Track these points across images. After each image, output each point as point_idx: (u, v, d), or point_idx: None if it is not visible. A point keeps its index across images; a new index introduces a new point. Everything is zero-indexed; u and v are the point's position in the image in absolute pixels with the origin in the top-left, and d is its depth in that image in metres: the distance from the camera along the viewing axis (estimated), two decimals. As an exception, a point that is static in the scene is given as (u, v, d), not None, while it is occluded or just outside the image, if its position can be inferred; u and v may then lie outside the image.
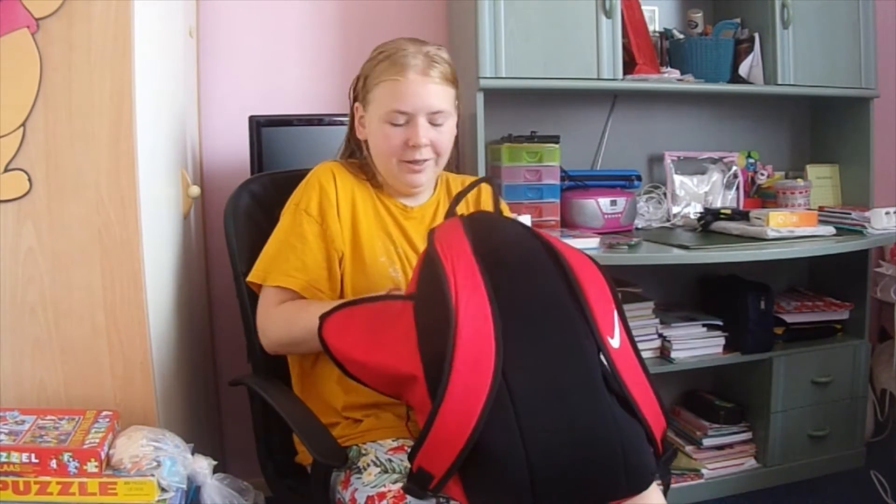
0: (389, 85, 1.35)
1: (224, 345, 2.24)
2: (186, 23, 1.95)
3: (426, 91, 1.35)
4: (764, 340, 2.25)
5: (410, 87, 1.34)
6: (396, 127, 1.36)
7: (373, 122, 1.39)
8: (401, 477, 1.21)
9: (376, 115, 1.38)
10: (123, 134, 1.34)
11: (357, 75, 1.45)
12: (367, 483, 1.23)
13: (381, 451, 1.29)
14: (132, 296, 1.37)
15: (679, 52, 2.33)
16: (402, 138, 1.36)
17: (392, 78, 1.35)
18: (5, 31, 1.29)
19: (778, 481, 2.31)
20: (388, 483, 1.21)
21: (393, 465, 1.25)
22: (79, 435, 1.25)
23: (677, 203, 2.41)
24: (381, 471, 1.24)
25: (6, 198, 1.32)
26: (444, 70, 1.37)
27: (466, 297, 1.02)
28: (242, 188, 1.57)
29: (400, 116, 1.35)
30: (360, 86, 1.43)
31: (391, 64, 1.35)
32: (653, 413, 1.08)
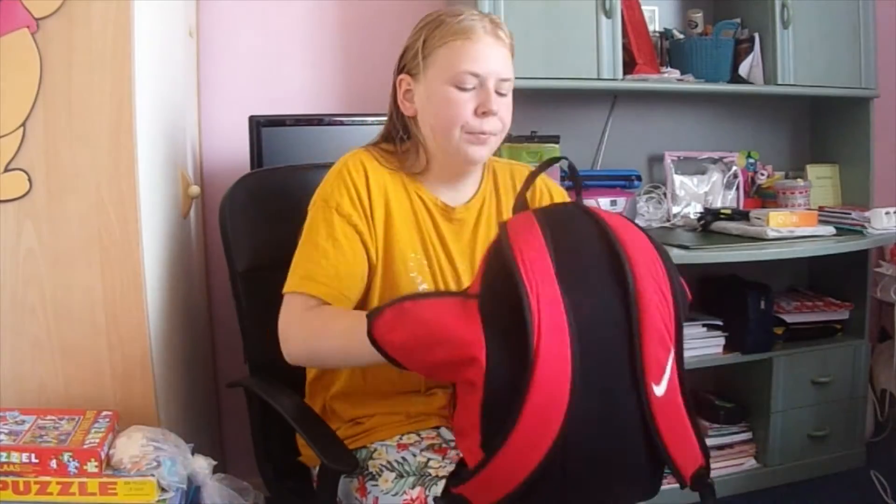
0: (458, 45, 1.21)
1: (224, 345, 2.24)
2: (186, 23, 1.95)
3: (497, 54, 1.23)
4: (764, 340, 2.25)
5: (482, 47, 1.21)
6: (464, 92, 1.21)
7: (432, 89, 1.23)
8: (417, 479, 1.18)
9: (439, 80, 1.22)
10: (123, 134, 1.34)
11: (405, 46, 1.29)
12: (385, 490, 1.20)
13: (391, 451, 1.26)
14: (132, 296, 1.37)
15: (679, 52, 2.33)
16: (471, 104, 1.22)
17: (461, 38, 1.21)
18: (5, 31, 1.29)
19: (778, 481, 2.31)
20: (406, 489, 1.18)
21: (405, 466, 1.22)
22: (79, 435, 1.25)
23: (677, 203, 2.41)
24: (397, 476, 1.21)
25: (6, 198, 1.32)
26: (509, 35, 1.26)
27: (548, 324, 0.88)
28: (238, 185, 1.51)
29: (471, 79, 1.21)
30: (409, 55, 1.27)
31: (457, 24, 1.21)
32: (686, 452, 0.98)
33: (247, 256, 1.46)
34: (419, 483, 1.18)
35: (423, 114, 1.27)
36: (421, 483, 1.18)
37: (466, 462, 0.96)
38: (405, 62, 1.28)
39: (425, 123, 1.27)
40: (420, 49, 1.24)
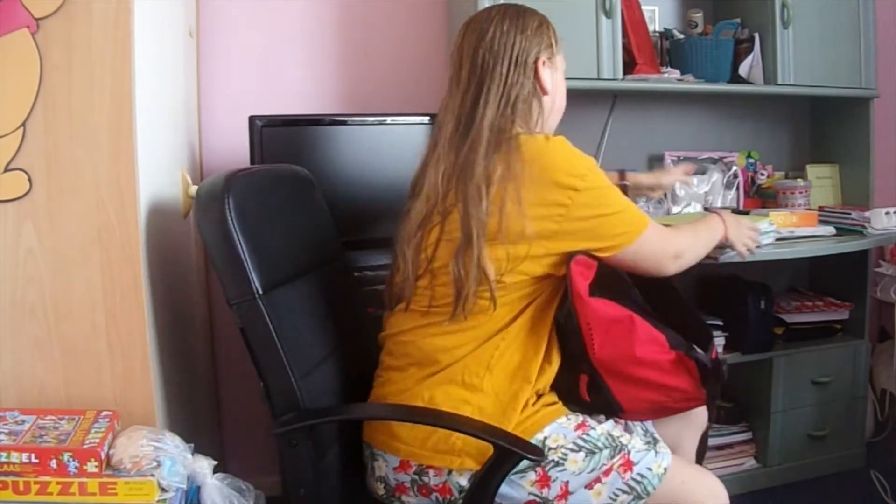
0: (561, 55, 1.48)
1: (224, 345, 2.24)
2: (186, 23, 1.95)
3: None
4: (764, 340, 2.25)
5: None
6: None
7: (559, 78, 1.45)
8: (612, 451, 1.30)
9: (562, 72, 1.47)
10: (123, 134, 1.34)
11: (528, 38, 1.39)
12: (580, 470, 1.28)
13: (568, 433, 1.31)
14: (132, 296, 1.37)
15: (679, 52, 2.33)
16: None
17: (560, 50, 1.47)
18: (5, 31, 1.29)
19: (778, 481, 2.31)
20: (606, 461, 1.28)
21: (593, 442, 1.30)
22: (79, 435, 1.25)
23: (677, 203, 2.41)
24: (587, 452, 1.29)
25: (6, 198, 1.32)
26: None
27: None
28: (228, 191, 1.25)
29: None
30: (543, 44, 1.42)
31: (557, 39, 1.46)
32: None
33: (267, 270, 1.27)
34: (617, 452, 1.30)
35: (555, 94, 1.44)
36: (619, 451, 1.30)
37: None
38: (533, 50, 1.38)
39: (551, 102, 1.44)
40: (555, 44, 1.43)
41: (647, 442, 1.35)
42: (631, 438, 1.34)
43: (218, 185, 1.27)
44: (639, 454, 1.31)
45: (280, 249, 1.36)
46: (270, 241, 1.32)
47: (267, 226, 1.33)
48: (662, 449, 1.35)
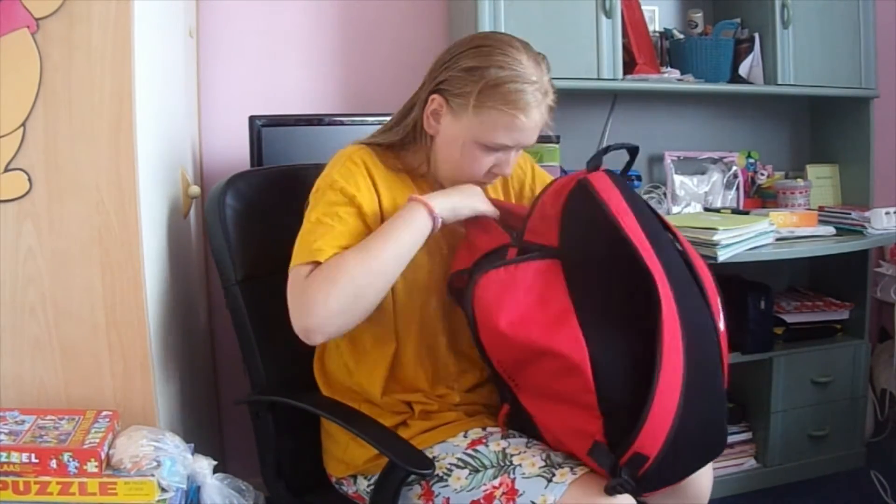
0: (505, 118, 1.21)
1: (224, 345, 2.24)
2: (186, 23, 1.95)
3: (534, 132, 1.26)
4: (764, 340, 2.25)
5: (524, 128, 1.23)
6: (489, 153, 1.26)
7: (462, 137, 1.25)
8: (497, 470, 1.16)
9: (472, 134, 1.24)
10: (123, 134, 1.34)
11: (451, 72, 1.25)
12: (461, 488, 1.17)
13: (457, 450, 1.22)
14: (132, 296, 1.37)
15: (679, 52, 2.33)
16: (489, 164, 1.27)
17: (510, 111, 1.21)
18: (5, 31, 1.29)
19: (778, 481, 2.31)
20: (487, 481, 1.15)
21: (480, 459, 1.18)
22: (79, 435, 1.25)
23: (677, 203, 2.41)
24: (471, 470, 1.17)
25: (6, 198, 1.32)
26: (553, 103, 1.28)
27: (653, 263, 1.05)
28: (229, 187, 1.43)
29: (501, 148, 1.26)
30: (456, 88, 1.24)
31: (512, 95, 1.21)
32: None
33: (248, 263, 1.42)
34: (501, 473, 1.15)
35: (444, 145, 1.29)
36: (504, 472, 1.15)
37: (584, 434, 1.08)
38: (446, 87, 1.25)
39: (441, 152, 1.30)
40: (473, 97, 1.21)
41: (542, 467, 1.14)
42: (524, 460, 1.16)
43: (221, 183, 1.45)
44: (526, 481, 1.13)
45: (267, 244, 1.43)
46: (258, 235, 1.45)
47: (257, 222, 1.45)
48: (561, 479, 1.11)
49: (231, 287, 1.41)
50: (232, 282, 1.41)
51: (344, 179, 1.24)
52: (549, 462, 1.15)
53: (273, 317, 1.29)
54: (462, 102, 1.23)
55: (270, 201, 1.47)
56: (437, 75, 1.27)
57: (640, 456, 1.02)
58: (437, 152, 1.30)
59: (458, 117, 1.25)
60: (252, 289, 1.42)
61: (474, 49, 1.25)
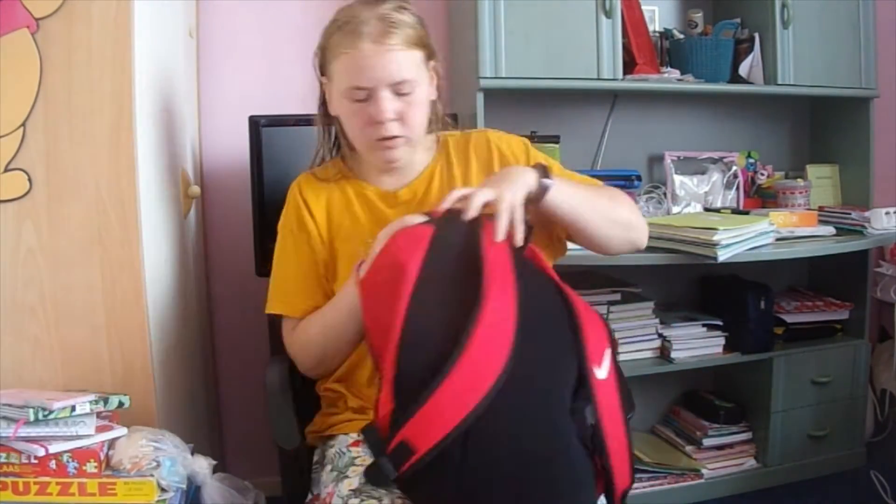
0: (344, 59, 1.21)
1: (224, 345, 2.24)
2: (186, 23, 1.95)
3: (384, 61, 1.19)
4: (764, 340, 2.25)
5: (365, 58, 1.19)
6: (358, 103, 1.22)
7: (335, 100, 1.27)
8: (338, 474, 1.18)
9: (337, 91, 1.25)
10: (123, 134, 1.34)
11: (317, 45, 1.30)
12: (318, 482, 1.24)
13: (343, 443, 1.26)
14: (132, 296, 1.37)
15: (679, 52, 2.33)
16: (365, 115, 1.23)
17: (345, 51, 1.20)
18: (5, 31, 1.29)
19: (778, 481, 2.31)
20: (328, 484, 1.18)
21: (336, 462, 1.22)
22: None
23: (677, 203, 2.41)
24: (330, 469, 1.22)
25: (6, 198, 1.32)
26: (404, 34, 1.21)
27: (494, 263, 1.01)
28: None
29: (359, 92, 1.21)
30: (319, 62, 1.30)
31: (344, 34, 1.21)
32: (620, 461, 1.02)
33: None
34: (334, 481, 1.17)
35: (339, 120, 1.31)
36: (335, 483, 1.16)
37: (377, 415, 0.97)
38: (321, 65, 1.30)
39: (342, 127, 1.31)
40: (320, 59, 1.27)
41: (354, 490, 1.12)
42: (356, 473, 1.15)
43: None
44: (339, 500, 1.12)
45: None
46: None
47: None
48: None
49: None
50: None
51: (287, 218, 1.36)
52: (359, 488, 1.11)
53: None
54: (324, 70, 1.28)
55: None
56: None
57: (405, 446, 0.91)
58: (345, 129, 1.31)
59: (329, 87, 1.29)
60: None
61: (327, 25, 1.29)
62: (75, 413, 1.22)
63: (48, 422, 1.20)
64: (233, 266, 2.18)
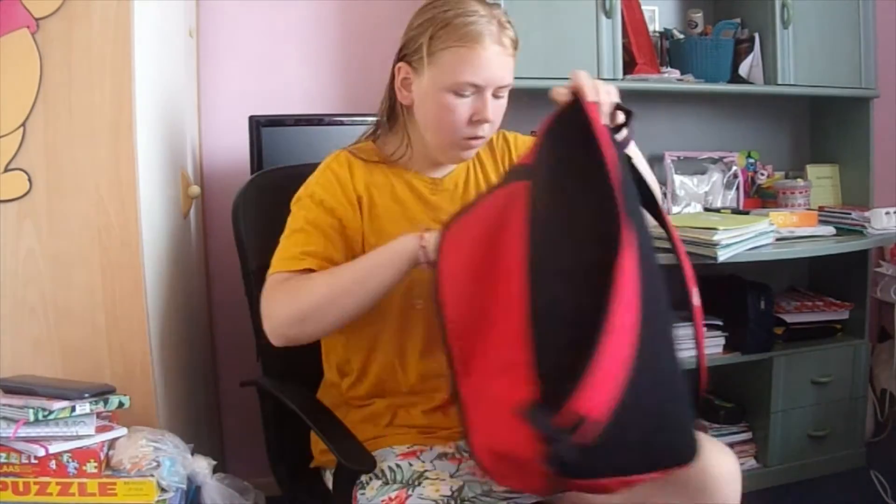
0: (461, 53, 1.18)
1: (224, 345, 2.24)
2: (186, 23, 1.95)
3: (500, 63, 1.20)
4: (764, 340, 2.25)
5: (485, 58, 1.18)
6: (461, 98, 1.21)
7: (431, 90, 1.22)
8: (401, 485, 1.14)
9: (438, 82, 1.20)
10: (123, 134, 1.34)
11: (408, 34, 1.27)
12: (370, 498, 1.16)
13: (391, 457, 1.21)
14: (132, 296, 1.37)
15: (679, 52, 2.33)
16: (467, 112, 1.21)
17: (464, 45, 1.18)
18: (5, 31, 1.29)
19: (778, 481, 2.31)
20: (387, 493, 1.14)
21: (396, 474, 1.17)
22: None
23: (677, 203, 2.41)
24: (383, 483, 1.16)
25: (6, 198, 1.32)
26: (514, 37, 1.23)
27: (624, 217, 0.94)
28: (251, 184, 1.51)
29: (469, 88, 1.20)
30: (412, 46, 1.24)
31: (462, 27, 1.18)
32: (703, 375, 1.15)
33: (260, 254, 1.43)
34: (402, 487, 1.14)
35: (419, 109, 1.26)
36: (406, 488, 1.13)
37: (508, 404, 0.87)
38: (406, 51, 1.26)
39: (420, 118, 1.27)
40: (425, 46, 1.21)
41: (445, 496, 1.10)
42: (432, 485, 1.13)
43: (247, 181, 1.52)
44: (420, 500, 1.10)
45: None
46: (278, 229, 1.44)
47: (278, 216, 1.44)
48: None
49: (246, 276, 1.47)
50: (246, 271, 1.47)
51: (323, 189, 1.26)
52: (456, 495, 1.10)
53: None
54: (419, 57, 1.22)
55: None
56: (399, 47, 1.28)
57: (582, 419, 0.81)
58: (417, 121, 1.28)
59: (421, 74, 1.23)
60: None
61: (422, 8, 1.26)
62: (75, 413, 1.21)
63: (48, 422, 1.20)
64: (233, 266, 2.17)
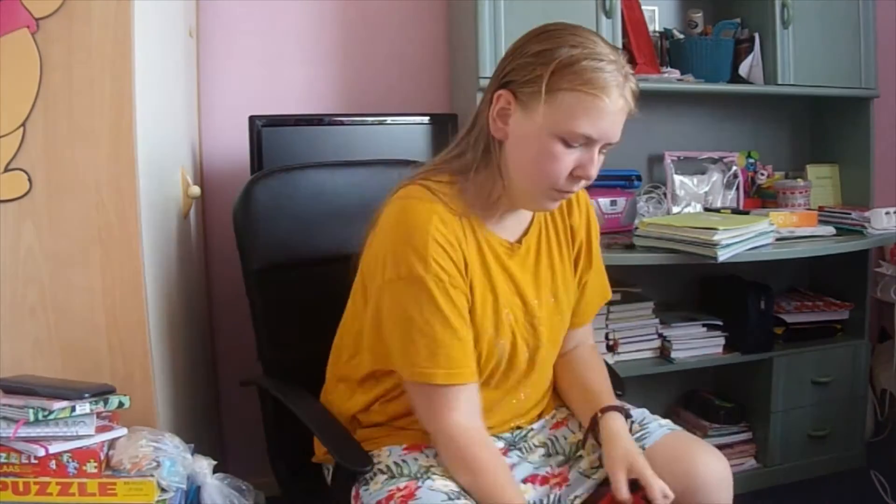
0: (585, 100, 1.06)
1: (224, 345, 2.24)
2: (186, 23, 1.95)
3: (619, 119, 1.10)
4: (764, 340, 2.25)
5: (608, 111, 1.07)
6: (570, 148, 1.09)
7: (538, 131, 1.09)
8: (409, 477, 1.15)
9: (550, 125, 1.08)
10: (123, 134, 1.34)
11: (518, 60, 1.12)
12: (373, 493, 1.16)
13: (395, 452, 1.22)
14: (132, 296, 1.37)
15: (679, 52, 2.33)
16: (571, 164, 1.10)
17: (589, 92, 1.06)
18: (5, 31, 1.29)
19: (778, 481, 2.31)
20: (395, 485, 1.15)
21: (402, 468, 1.18)
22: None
23: (677, 203, 2.41)
24: (388, 477, 1.17)
25: (6, 198, 1.32)
26: (635, 90, 1.12)
27: None
28: (251, 184, 1.49)
29: (580, 138, 1.09)
30: (524, 76, 1.10)
31: (592, 72, 1.07)
32: None
33: (261, 256, 1.47)
34: (411, 479, 1.15)
35: (515, 147, 1.13)
36: (414, 479, 1.15)
37: None
38: (513, 78, 1.12)
39: (514, 157, 1.14)
40: (544, 82, 1.07)
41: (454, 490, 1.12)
42: (440, 479, 1.14)
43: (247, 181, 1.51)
44: (430, 493, 1.10)
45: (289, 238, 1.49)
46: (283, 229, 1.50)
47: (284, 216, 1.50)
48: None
49: (249, 276, 1.47)
50: (251, 271, 1.46)
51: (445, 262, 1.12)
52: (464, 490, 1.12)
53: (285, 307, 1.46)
54: (533, 90, 1.08)
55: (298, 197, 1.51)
56: (502, 70, 1.14)
57: None
58: (507, 160, 1.14)
59: (529, 110, 1.09)
60: (270, 279, 1.48)
61: (541, 34, 1.13)
62: (75, 413, 1.21)
63: (48, 422, 1.20)
64: (233, 266, 2.17)
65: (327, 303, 1.38)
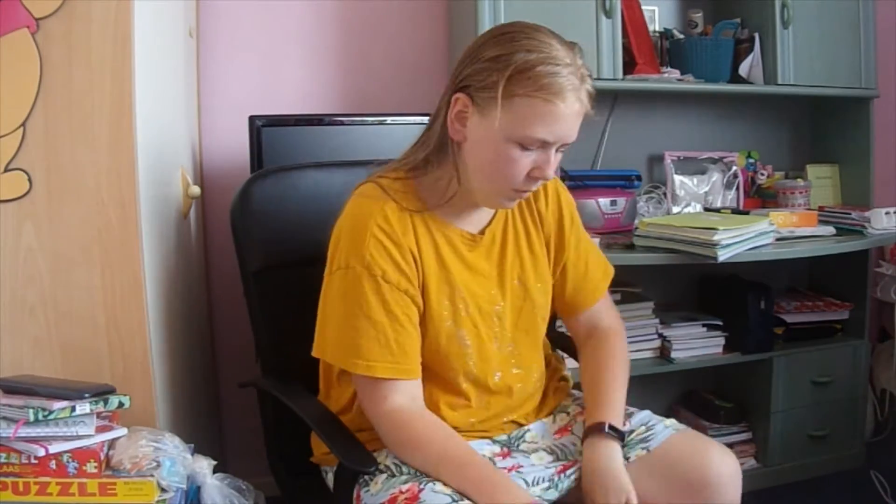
0: (539, 106, 1.08)
1: (224, 345, 2.24)
2: (186, 23, 1.95)
3: (575, 121, 1.12)
4: (764, 340, 2.25)
5: (564, 115, 1.09)
6: (526, 151, 1.12)
7: (494, 135, 1.11)
8: (411, 476, 1.15)
9: (506, 130, 1.10)
10: (123, 134, 1.34)
11: (476, 65, 1.13)
12: (374, 493, 1.16)
13: (390, 456, 1.21)
14: (132, 296, 1.37)
15: (679, 52, 2.33)
16: (528, 166, 1.13)
17: (544, 98, 1.08)
18: (5, 31, 1.29)
19: (778, 481, 2.31)
20: (397, 485, 1.14)
21: (402, 467, 1.18)
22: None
23: (677, 203, 2.41)
24: (388, 476, 1.18)
25: (6, 198, 1.32)
26: (591, 90, 1.14)
27: None
28: (249, 184, 1.49)
29: (535, 142, 1.11)
30: (480, 81, 1.11)
31: (546, 77, 1.08)
32: None
33: (259, 256, 1.46)
34: (413, 480, 1.14)
35: (473, 149, 1.16)
36: (416, 481, 1.14)
37: None
38: (470, 82, 1.13)
39: (471, 159, 1.16)
40: (501, 87, 1.08)
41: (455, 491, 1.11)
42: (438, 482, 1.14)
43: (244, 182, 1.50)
44: (433, 494, 1.10)
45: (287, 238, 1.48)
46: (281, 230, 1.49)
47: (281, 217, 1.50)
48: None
49: (248, 277, 1.47)
50: (250, 271, 1.46)
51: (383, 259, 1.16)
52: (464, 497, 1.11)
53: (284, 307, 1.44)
54: (489, 95, 1.10)
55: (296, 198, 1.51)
56: (459, 73, 1.15)
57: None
58: (465, 162, 1.17)
59: (486, 114, 1.11)
60: (268, 279, 1.48)
61: (497, 37, 1.13)
62: (75, 413, 1.21)
63: (48, 422, 1.20)
64: (233, 266, 2.17)
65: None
